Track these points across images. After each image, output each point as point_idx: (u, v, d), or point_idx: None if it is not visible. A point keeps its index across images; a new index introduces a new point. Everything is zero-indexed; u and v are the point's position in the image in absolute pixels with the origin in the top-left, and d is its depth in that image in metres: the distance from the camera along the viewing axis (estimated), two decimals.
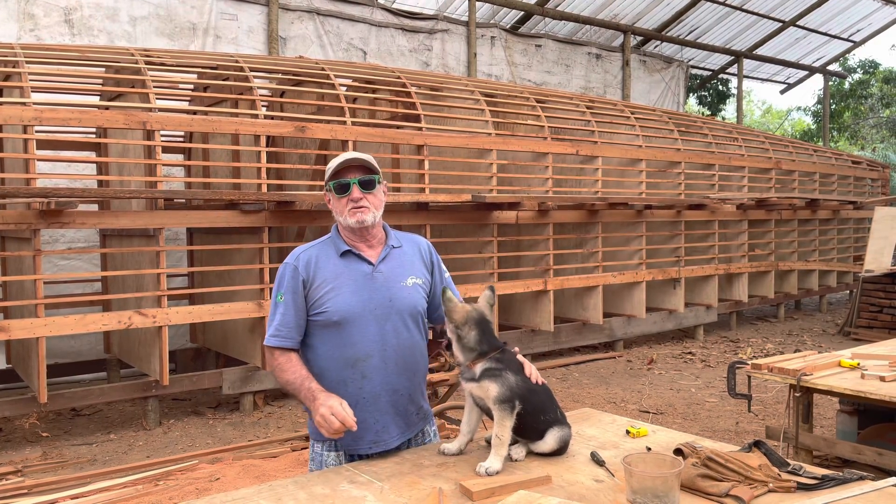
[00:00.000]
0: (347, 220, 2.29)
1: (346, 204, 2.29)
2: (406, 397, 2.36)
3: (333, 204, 2.34)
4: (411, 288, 2.36)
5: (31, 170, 5.34)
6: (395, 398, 2.33)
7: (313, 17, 10.46)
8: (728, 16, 15.62)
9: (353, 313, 2.26)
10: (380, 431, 2.30)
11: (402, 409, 2.35)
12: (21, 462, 5.05)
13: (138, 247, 6.17)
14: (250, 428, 5.92)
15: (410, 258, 2.42)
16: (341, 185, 2.29)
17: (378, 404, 2.30)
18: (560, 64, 13.78)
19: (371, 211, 2.30)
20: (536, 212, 7.93)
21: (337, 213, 2.33)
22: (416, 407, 2.42)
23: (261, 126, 6.26)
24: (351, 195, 2.28)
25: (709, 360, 8.51)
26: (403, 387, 2.35)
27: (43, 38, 8.19)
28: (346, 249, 2.32)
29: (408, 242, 2.46)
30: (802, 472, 2.01)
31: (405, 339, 2.33)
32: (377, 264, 2.33)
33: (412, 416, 2.39)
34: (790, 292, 11.66)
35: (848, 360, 3.96)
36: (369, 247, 2.36)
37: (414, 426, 2.41)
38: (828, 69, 19.73)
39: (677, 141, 9.83)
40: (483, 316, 2.22)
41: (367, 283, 2.30)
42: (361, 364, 2.28)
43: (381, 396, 2.30)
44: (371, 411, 2.28)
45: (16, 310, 6.02)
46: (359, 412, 2.23)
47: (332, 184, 2.30)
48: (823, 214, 12.22)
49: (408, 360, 2.34)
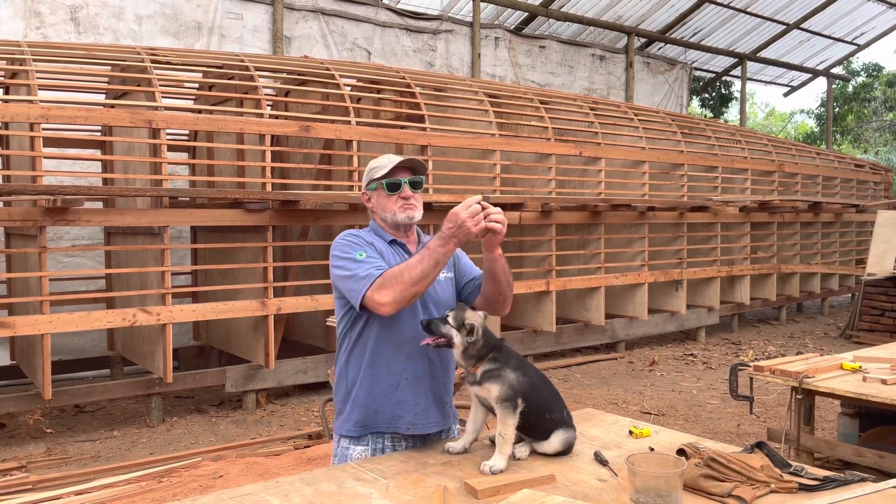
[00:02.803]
0: (397, 217, 2.39)
1: (397, 201, 2.39)
2: (443, 386, 2.45)
3: (380, 201, 2.42)
4: (444, 282, 2.47)
5: (37, 167, 5.36)
6: (434, 384, 2.41)
7: (318, 17, 10.48)
8: (732, 18, 15.63)
9: None
10: (419, 414, 2.37)
11: (439, 397, 2.43)
12: (25, 458, 5.07)
13: (143, 244, 6.20)
14: (253, 426, 5.94)
15: None
16: (394, 183, 2.39)
17: (419, 388, 2.37)
18: (564, 65, 13.80)
19: (418, 209, 2.42)
20: (539, 213, 7.94)
21: (384, 211, 2.42)
22: (450, 400, 2.51)
23: (265, 125, 6.28)
24: (402, 193, 2.39)
25: (710, 361, 8.53)
26: (440, 375, 2.44)
27: (49, 36, 8.22)
28: (392, 239, 2.43)
29: None
30: (804, 473, 2.03)
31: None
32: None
33: (447, 406, 2.48)
34: (792, 295, 11.67)
35: (850, 362, 3.97)
36: (409, 243, 2.48)
37: (448, 419, 2.49)
38: (831, 72, 19.73)
39: (680, 143, 9.85)
40: (484, 324, 2.28)
41: None
42: (406, 346, 2.35)
43: (422, 380, 2.38)
44: (412, 393, 2.36)
45: (20, 306, 6.04)
46: (401, 392, 2.35)
47: (386, 182, 2.39)
48: (826, 217, 12.23)
49: (444, 351, 2.40)
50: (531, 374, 2.28)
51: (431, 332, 2.26)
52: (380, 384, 2.36)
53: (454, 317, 2.24)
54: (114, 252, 7.02)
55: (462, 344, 2.22)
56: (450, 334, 2.23)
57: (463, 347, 2.22)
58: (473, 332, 2.21)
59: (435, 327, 2.26)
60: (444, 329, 2.24)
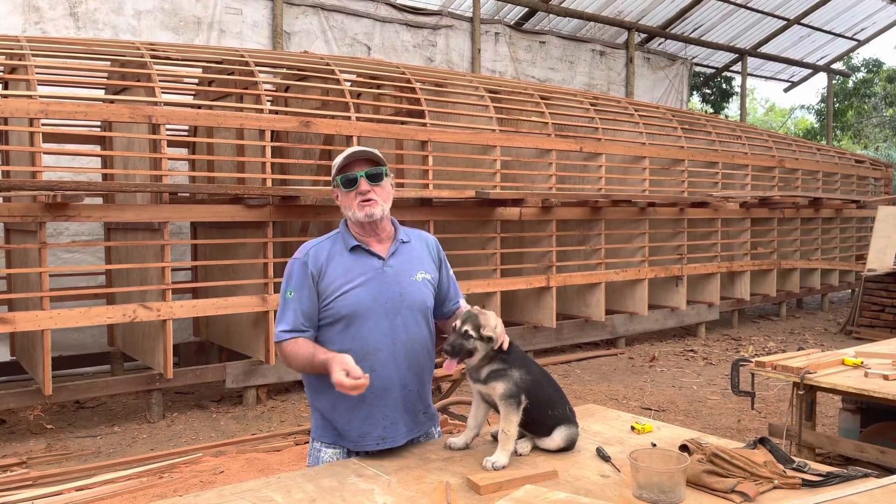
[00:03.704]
0: (356, 215, 2.28)
1: (355, 197, 2.28)
2: (415, 394, 2.35)
3: (342, 199, 2.33)
4: (421, 283, 2.35)
5: (36, 163, 5.35)
6: (404, 394, 2.31)
7: (318, 12, 10.45)
8: (732, 13, 15.59)
9: (363, 308, 2.25)
10: (388, 427, 2.28)
11: (410, 405, 2.33)
12: (26, 454, 5.07)
13: (143, 240, 6.19)
14: (253, 422, 5.94)
15: (419, 253, 2.41)
16: (349, 179, 2.28)
17: (387, 399, 2.28)
18: (564, 61, 13.76)
19: (379, 204, 2.28)
20: (540, 208, 7.93)
21: (345, 208, 2.32)
22: (424, 406, 2.40)
23: (265, 120, 6.26)
24: (359, 188, 2.27)
25: (710, 357, 8.53)
26: (412, 383, 2.33)
27: (48, 31, 8.19)
28: (355, 244, 2.31)
29: (416, 238, 2.45)
30: (807, 468, 2.02)
31: (415, 334, 2.32)
32: (387, 259, 2.32)
33: (420, 414, 2.38)
34: (792, 291, 11.67)
35: (851, 358, 3.97)
36: (378, 241, 2.35)
37: (421, 426, 2.39)
38: (832, 68, 19.69)
39: (681, 139, 9.83)
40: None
41: (378, 278, 2.29)
42: (370, 357, 2.25)
43: (390, 391, 2.28)
44: (380, 406, 2.26)
45: (20, 302, 6.04)
46: (367, 407, 2.24)
47: (340, 178, 2.29)
48: (826, 213, 12.22)
49: (417, 356, 2.33)
50: (534, 370, 2.27)
51: (456, 355, 2.15)
52: (344, 400, 2.23)
53: (473, 327, 2.16)
54: (114, 248, 7.01)
55: (484, 351, 2.17)
56: (474, 348, 2.16)
57: (484, 353, 2.17)
58: (493, 341, 2.17)
59: (459, 349, 2.14)
60: (469, 346, 2.15)
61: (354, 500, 1.90)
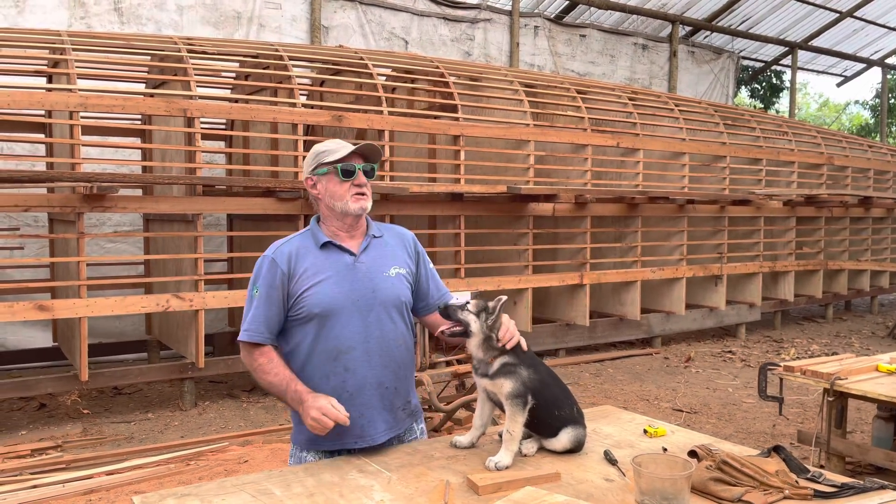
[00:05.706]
0: (349, 206, 2.24)
1: (350, 189, 2.25)
2: (392, 391, 2.30)
3: (330, 188, 2.26)
4: (395, 278, 2.30)
5: (76, 155, 5.49)
6: (380, 392, 2.27)
7: (356, 7, 10.50)
8: (782, 5, 15.14)
9: (335, 305, 2.20)
10: (365, 426, 2.23)
11: (388, 403, 2.28)
12: (62, 437, 5.22)
13: (178, 231, 6.30)
14: (282, 412, 6.01)
15: (393, 248, 2.36)
16: (348, 169, 2.25)
17: (362, 398, 2.23)
18: (605, 54, 13.56)
19: (370, 199, 2.29)
20: (574, 204, 7.83)
21: (333, 199, 2.25)
22: (404, 402, 2.35)
23: (298, 115, 6.31)
24: (356, 180, 2.25)
25: (749, 359, 8.31)
26: (389, 380, 2.28)
27: (93, 26, 8.40)
28: (325, 241, 2.27)
29: (390, 233, 2.41)
30: (822, 479, 1.94)
31: (389, 330, 2.27)
32: (359, 254, 2.28)
33: (399, 411, 2.32)
34: (840, 292, 11.30)
35: (886, 364, 3.81)
36: (351, 237, 2.30)
37: (402, 422, 2.35)
38: (886, 62, 18.99)
39: (722, 134, 9.59)
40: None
41: (349, 274, 2.24)
42: (344, 357, 2.21)
43: (366, 390, 2.24)
44: (356, 405, 2.20)
45: (61, 290, 6.22)
46: (343, 406, 2.18)
47: (340, 167, 2.24)
48: (877, 212, 11.80)
49: (393, 353, 2.28)
50: (542, 370, 2.23)
51: (448, 318, 2.16)
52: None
53: (475, 304, 2.15)
54: (151, 238, 7.17)
55: (481, 331, 2.14)
56: (467, 321, 2.14)
57: (482, 336, 2.14)
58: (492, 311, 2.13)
59: (452, 312, 2.15)
60: (461, 315, 2.15)
61: (352, 496, 1.89)
